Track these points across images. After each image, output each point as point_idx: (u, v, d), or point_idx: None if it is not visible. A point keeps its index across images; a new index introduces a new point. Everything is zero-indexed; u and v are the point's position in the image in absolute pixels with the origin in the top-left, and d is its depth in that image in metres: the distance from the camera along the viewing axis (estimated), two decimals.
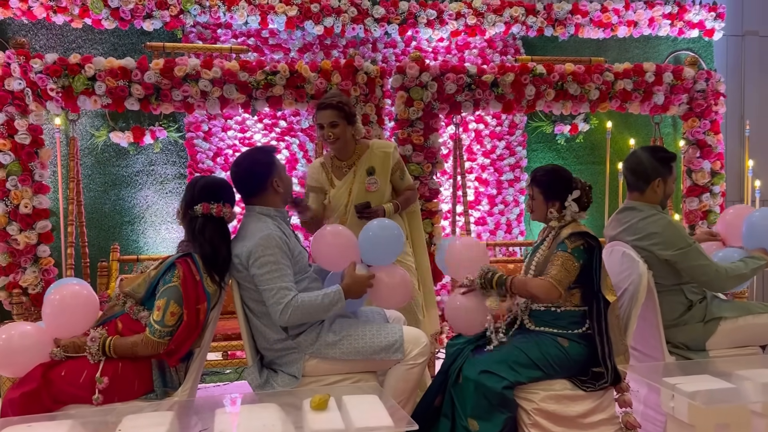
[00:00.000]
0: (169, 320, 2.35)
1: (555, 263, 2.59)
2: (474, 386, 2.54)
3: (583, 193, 2.71)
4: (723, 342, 2.85)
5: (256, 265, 2.41)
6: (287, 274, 2.43)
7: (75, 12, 4.31)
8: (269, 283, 2.39)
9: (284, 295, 2.37)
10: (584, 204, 2.72)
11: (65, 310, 2.42)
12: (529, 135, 5.28)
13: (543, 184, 2.74)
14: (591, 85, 4.13)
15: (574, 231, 2.64)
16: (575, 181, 2.73)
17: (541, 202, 2.75)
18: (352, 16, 4.72)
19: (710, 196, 4.35)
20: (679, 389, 2.24)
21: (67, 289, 2.49)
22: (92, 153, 4.60)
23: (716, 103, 4.32)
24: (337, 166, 3.22)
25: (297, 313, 2.38)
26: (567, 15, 5.02)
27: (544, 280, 2.56)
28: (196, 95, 3.70)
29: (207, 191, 2.50)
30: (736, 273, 2.80)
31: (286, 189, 2.63)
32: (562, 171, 2.77)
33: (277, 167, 2.61)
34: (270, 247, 2.41)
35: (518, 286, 2.59)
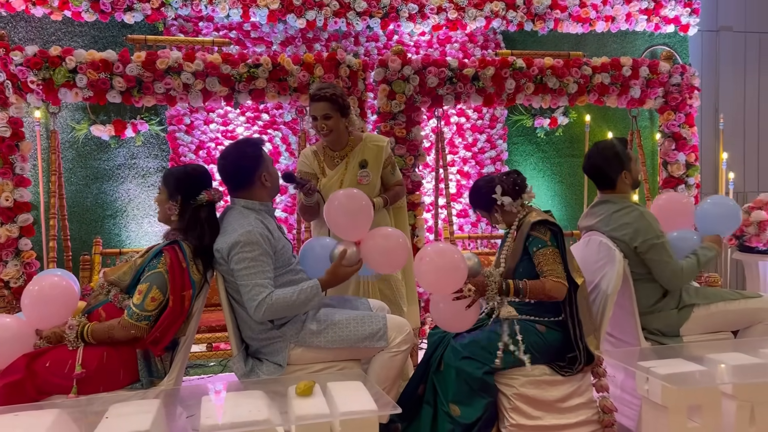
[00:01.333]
0: (148, 305, 2.37)
1: (548, 262, 2.61)
2: (455, 372, 2.60)
3: (502, 184, 2.76)
4: (696, 328, 2.94)
5: (234, 260, 2.43)
6: (265, 270, 2.44)
7: (55, 4, 4.29)
8: (245, 279, 2.41)
9: (259, 292, 2.39)
10: (513, 190, 2.76)
11: (44, 300, 2.43)
12: (510, 128, 5.35)
13: (476, 204, 2.87)
14: (569, 79, 4.20)
15: (537, 220, 2.67)
16: (493, 180, 2.79)
17: (488, 216, 2.86)
18: (334, 10, 4.74)
19: (685, 187, 4.45)
20: (653, 372, 2.31)
21: (46, 279, 2.49)
22: (73, 146, 4.58)
23: (691, 97, 4.42)
24: (330, 155, 3.22)
25: (271, 310, 2.40)
26: (546, 10, 5.09)
27: (556, 281, 2.59)
28: (179, 88, 3.71)
29: (204, 179, 2.55)
30: (690, 269, 2.90)
31: (273, 183, 2.64)
32: (479, 183, 2.85)
33: (265, 160, 2.61)
34: (250, 243, 2.42)
35: (535, 291, 2.59)
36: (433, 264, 2.51)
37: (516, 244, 2.71)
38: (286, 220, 4.89)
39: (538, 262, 2.64)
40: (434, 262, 2.51)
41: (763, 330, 2.97)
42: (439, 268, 2.50)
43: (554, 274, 2.60)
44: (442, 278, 2.53)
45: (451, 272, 2.51)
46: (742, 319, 3.00)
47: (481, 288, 2.57)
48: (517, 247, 2.70)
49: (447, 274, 2.51)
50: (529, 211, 2.77)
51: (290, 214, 4.85)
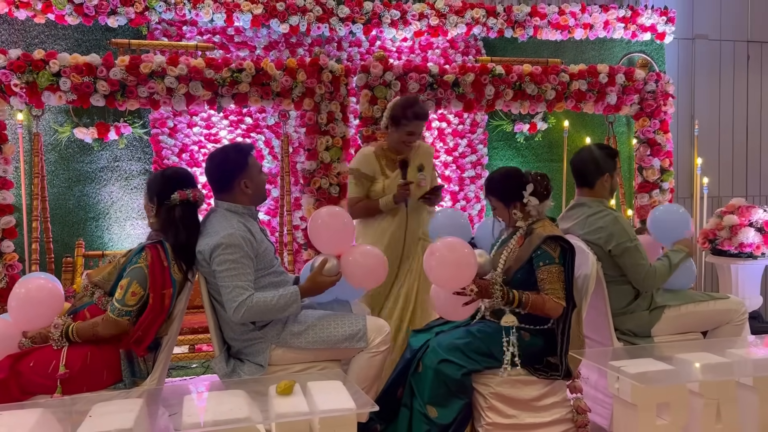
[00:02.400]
0: (129, 300, 2.41)
1: (552, 280, 2.61)
2: (433, 374, 2.64)
3: (536, 184, 2.74)
4: (667, 329, 3.04)
5: (216, 262, 2.47)
6: (246, 273, 2.48)
7: (38, 7, 4.29)
8: (226, 280, 2.45)
9: (239, 294, 2.44)
10: (542, 194, 2.75)
11: (31, 302, 2.46)
12: (490, 133, 5.44)
13: (497, 192, 2.80)
14: (547, 86, 4.30)
15: (550, 235, 2.66)
16: (526, 176, 2.77)
17: (502, 208, 2.81)
18: (317, 15, 4.79)
19: (660, 192, 4.57)
20: (623, 371, 2.39)
21: (32, 282, 2.52)
22: (56, 149, 4.58)
23: (665, 104, 4.54)
24: (390, 158, 3.32)
25: (250, 312, 2.45)
26: (526, 17, 5.18)
27: (557, 302, 2.60)
28: (162, 92, 3.75)
29: (177, 180, 2.59)
30: (662, 271, 2.99)
31: (255, 190, 2.67)
32: (511, 172, 2.81)
33: (249, 167, 2.64)
34: (231, 245, 2.47)
35: (535, 307, 2.62)
36: (443, 259, 2.55)
37: (522, 250, 2.70)
38: (269, 222, 4.93)
39: (542, 278, 2.64)
40: (444, 257, 2.55)
41: (730, 330, 3.07)
42: (449, 263, 2.55)
43: (555, 294, 2.61)
44: (451, 274, 2.56)
45: (462, 268, 2.55)
46: (711, 320, 3.10)
47: (484, 291, 2.60)
48: (522, 254, 2.69)
49: (457, 270, 2.55)
50: (542, 219, 2.76)
51: (273, 217, 4.89)
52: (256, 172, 2.67)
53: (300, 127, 4.76)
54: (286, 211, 4.36)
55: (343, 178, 4.08)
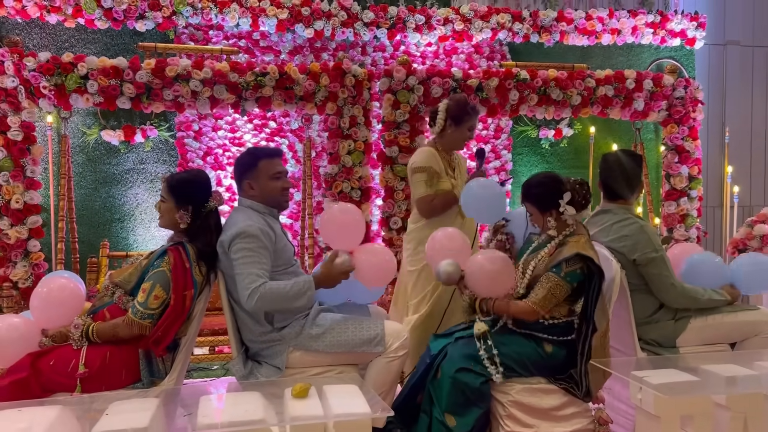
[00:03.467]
0: (152, 303, 2.42)
1: (543, 286, 2.57)
2: (451, 382, 2.59)
3: (574, 193, 2.66)
4: (693, 339, 2.95)
5: (233, 250, 2.49)
6: (261, 262, 2.49)
7: (68, 12, 4.38)
8: (241, 268, 2.46)
9: (253, 281, 2.43)
10: (580, 203, 2.67)
11: (52, 301, 2.49)
12: (515, 139, 5.39)
13: (534, 198, 2.72)
14: (573, 91, 4.25)
15: (580, 253, 2.57)
16: (565, 183, 2.68)
17: (537, 215, 2.73)
18: (342, 20, 4.81)
19: (688, 200, 4.47)
20: (646, 382, 2.32)
21: (54, 281, 2.55)
22: (84, 151, 4.66)
23: (694, 110, 4.45)
24: (446, 159, 3.33)
25: (264, 299, 2.43)
26: (552, 22, 5.14)
27: (527, 304, 2.57)
28: (187, 95, 3.78)
29: (206, 186, 2.62)
30: (690, 294, 2.89)
31: (261, 192, 2.66)
32: (549, 179, 2.72)
33: (257, 170, 2.65)
34: (249, 235, 2.49)
35: (499, 311, 2.62)
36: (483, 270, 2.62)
37: (550, 261, 2.64)
38: (291, 226, 4.95)
39: (540, 281, 2.60)
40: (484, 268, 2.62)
41: (759, 342, 2.97)
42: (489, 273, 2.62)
43: (535, 298, 2.57)
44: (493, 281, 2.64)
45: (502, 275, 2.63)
46: (739, 331, 3.01)
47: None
48: (548, 264, 2.64)
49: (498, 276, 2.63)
50: (579, 234, 2.67)
51: (295, 221, 4.90)
52: (265, 177, 2.66)
53: (323, 132, 4.77)
54: (307, 214, 4.36)
55: (363, 182, 4.07)
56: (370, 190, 4.14)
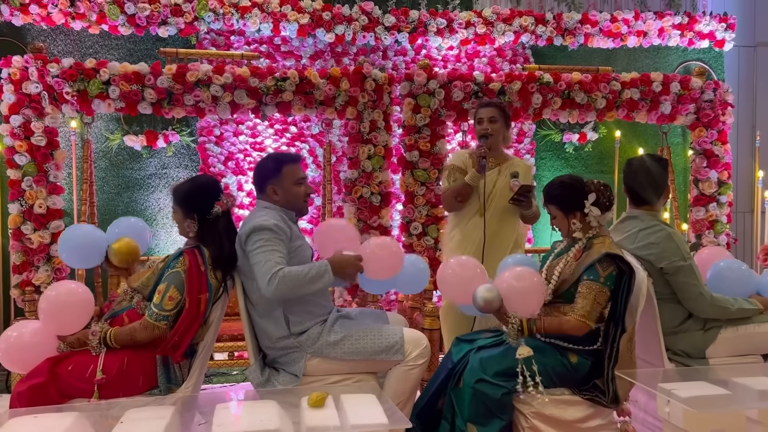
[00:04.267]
0: (167, 304, 2.42)
1: (587, 296, 2.52)
2: (472, 392, 2.54)
3: (599, 194, 2.63)
4: (723, 350, 2.86)
5: (250, 242, 2.49)
6: (279, 251, 2.48)
7: (92, 18, 4.42)
8: (259, 257, 2.46)
9: (271, 267, 2.42)
10: (604, 205, 2.64)
11: (61, 306, 2.48)
12: (538, 143, 5.31)
13: (558, 200, 2.69)
14: (598, 94, 4.16)
15: (608, 252, 2.54)
16: (588, 185, 2.65)
17: (561, 218, 2.69)
18: (363, 25, 4.79)
19: (717, 205, 4.35)
20: (674, 395, 2.25)
21: (62, 286, 2.57)
22: (107, 156, 4.70)
23: (724, 113, 4.33)
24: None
25: (283, 283, 2.41)
26: (576, 25, 5.05)
27: (576, 319, 2.51)
28: (208, 100, 3.79)
29: (209, 192, 2.60)
30: (720, 304, 2.80)
31: (284, 198, 2.67)
32: (573, 181, 2.69)
33: (282, 175, 2.66)
34: (266, 229, 2.50)
35: (551, 330, 2.55)
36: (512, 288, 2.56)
37: (578, 266, 2.60)
38: (311, 231, 4.93)
39: (579, 291, 2.55)
40: (513, 286, 2.55)
41: None
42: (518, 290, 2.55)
43: (581, 312, 2.51)
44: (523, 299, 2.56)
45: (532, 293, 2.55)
46: None
47: (499, 319, 2.58)
48: (577, 270, 2.60)
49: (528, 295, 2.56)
50: (603, 235, 2.64)
51: (315, 225, 4.88)
52: (289, 182, 2.67)
53: (344, 136, 4.75)
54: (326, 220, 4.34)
55: (384, 187, 4.04)
56: (390, 195, 4.10)
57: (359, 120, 3.99)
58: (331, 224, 2.99)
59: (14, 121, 3.62)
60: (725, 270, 3.00)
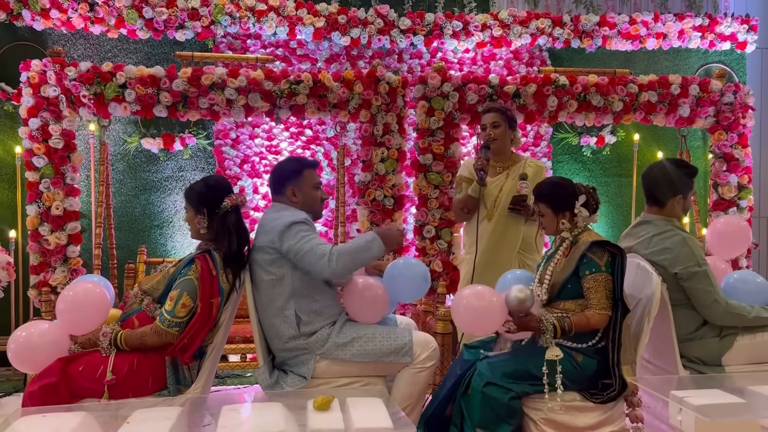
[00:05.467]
0: (179, 311, 2.43)
1: (597, 289, 2.55)
2: (481, 397, 2.53)
3: (588, 196, 2.70)
4: (740, 358, 2.79)
5: (289, 236, 2.52)
6: (319, 238, 2.55)
7: (111, 23, 4.49)
8: (306, 244, 2.50)
9: (324, 248, 2.48)
10: (593, 207, 2.71)
11: (78, 307, 2.50)
12: (555, 146, 5.26)
13: (549, 198, 2.74)
14: (614, 97, 4.11)
15: (595, 240, 2.60)
16: (578, 187, 2.73)
17: (550, 216, 2.74)
18: (379, 28, 4.79)
19: (737, 210, 4.26)
20: (686, 402, 2.19)
21: (79, 286, 2.59)
22: (124, 158, 4.76)
23: (744, 116, 4.24)
24: (492, 165, 3.40)
25: (342, 258, 2.45)
26: (594, 27, 5.00)
27: (599, 313, 2.54)
28: (222, 103, 3.81)
29: (222, 187, 2.62)
30: (736, 311, 2.74)
31: (303, 201, 2.71)
32: (562, 181, 2.77)
33: (302, 177, 2.70)
34: (301, 221, 2.56)
35: (580, 327, 2.56)
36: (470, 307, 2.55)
37: (568, 261, 2.64)
38: (326, 234, 4.94)
39: (588, 287, 2.57)
40: (472, 305, 2.55)
41: None
42: (476, 309, 2.54)
43: (600, 305, 2.54)
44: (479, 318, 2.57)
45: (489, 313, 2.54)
46: None
47: (527, 328, 2.55)
48: (568, 265, 2.63)
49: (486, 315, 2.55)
50: (587, 230, 2.71)
51: (330, 228, 4.89)
52: (308, 185, 2.72)
53: (358, 139, 4.75)
54: (340, 223, 4.34)
55: (397, 190, 4.03)
56: (403, 198, 4.09)
57: (372, 123, 3.99)
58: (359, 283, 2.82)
59: (33, 124, 3.68)
60: (738, 282, 2.96)
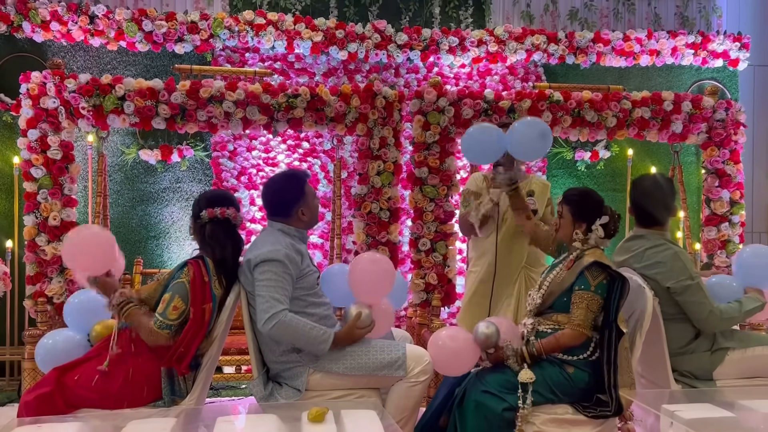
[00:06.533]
0: (171, 314, 2.46)
1: (579, 306, 2.57)
2: (475, 406, 2.55)
3: (611, 220, 2.70)
4: (731, 372, 2.82)
5: (258, 270, 2.51)
6: (285, 288, 2.50)
7: (111, 35, 4.53)
8: (264, 291, 2.47)
9: (273, 306, 2.44)
10: (610, 231, 2.71)
11: (83, 244, 2.57)
12: (550, 161, 5.31)
13: (574, 204, 2.75)
14: (608, 113, 4.16)
15: (597, 261, 2.60)
16: (606, 208, 2.73)
17: (569, 221, 2.75)
18: (376, 42, 4.85)
19: (729, 225, 4.30)
20: (677, 416, 2.22)
21: (85, 229, 2.75)
22: (122, 169, 4.78)
23: (736, 133, 4.30)
24: None
25: (280, 327, 2.43)
26: (589, 43, 5.07)
27: (572, 330, 2.56)
28: (220, 116, 3.85)
29: (209, 200, 2.66)
30: (730, 315, 2.79)
31: (311, 216, 2.73)
32: (594, 194, 2.78)
33: (306, 195, 2.70)
34: (276, 260, 2.50)
35: (550, 349, 2.58)
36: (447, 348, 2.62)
37: (569, 274, 2.66)
38: (322, 246, 4.96)
39: (573, 302, 2.60)
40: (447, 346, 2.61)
41: None
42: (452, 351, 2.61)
43: (576, 322, 2.56)
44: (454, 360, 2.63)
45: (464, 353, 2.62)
46: None
47: (498, 359, 2.60)
48: (568, 278, 2.65)
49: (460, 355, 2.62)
50: (596, 249, 2.71)
51: (326, 240, 4.91)
52: (311, 198, 2.73)
53: (355, 152, 4.79)
54: (336, 235, 4.36)
55: (393, 203, 4.06)
56: (399, 211, 4.12)
57: (369, 136, 4.03)
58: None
59: (31, 135, 3.70)
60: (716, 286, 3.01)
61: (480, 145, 3.09)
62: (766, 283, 3.02)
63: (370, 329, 2.61)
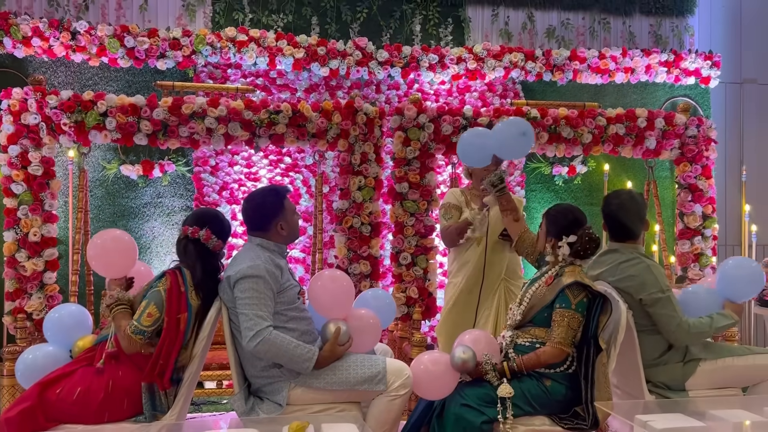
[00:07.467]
0: (145, 320, 2.48)
1: (561, 324, 2.62)
2: (454, 419, 2.59)
3: (579, 241, 2.72)
4: (703, 383, 2.89)
5: (239, 288, 2.52)
6: (267, 305, 2.52)
7: (93, 51, 4.55)
8: (247, 308, 2.49)
9: (257, 323, 2.46)
10: (578, 252, 2.74)
11: (106, 250, 2.75)
12: (528, 176, 5.40)
13: (549, 217, 2.85)
14: (584, 129, 4.26)
15: (577, 281, 2.65)
16: (582, 231, 2.75)
17: (543, 233, 2.86)
18: (357, 59, 4.91)
19: (702, 239, 4.41)
20: (650, 426, 2.28)
21: (108, 233, 2.86)
22: (103, 184, 4.78)
23: (707, 149, 4.42)
24: (476, 194, 3.51)
25: (265, 344, 2.45)
26: (565, 61, 5.18)
27: (553, 347, 2.61)
28: (202, 132, 3.88)
29: (193, 218, 2.71)
30: (699, 330, 2.84)
31: (290, 231, 2.75)
32: (573, 213, 2.83)
33: (285, 210, 2.72)
34: (256, 276, 2.52)
35: (530, 366, 2.63)
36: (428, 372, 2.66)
37: (549, 291, 2.70)
38: (303, 260, 4.99)
39: (553, 320, 2.65)
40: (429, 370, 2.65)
41: None
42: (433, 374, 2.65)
43: (557, 339, 2.61)
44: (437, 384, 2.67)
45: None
46: (752, 375, 2.94)
47: (478, 375, 2.65)
48: (548, 294, 2.69)
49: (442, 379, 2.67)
50: (575, 263, 2.75)
51: (307, 254, 4.94)
52: (290, 214, 2.75)
53: (336, 167, 4.83)
54: (318, 249, 4.40)
55: (374, 218, 4.11)
56: (380, 226, 4.17)
57: (350, 152, 4.08)
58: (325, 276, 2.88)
59: (12, 151, 3.70)
60: (690, 294, 3.07)
61: (471, 146, 3.19)
62: (746, 296, 3.10)
63: (350, 344, 2.65)
